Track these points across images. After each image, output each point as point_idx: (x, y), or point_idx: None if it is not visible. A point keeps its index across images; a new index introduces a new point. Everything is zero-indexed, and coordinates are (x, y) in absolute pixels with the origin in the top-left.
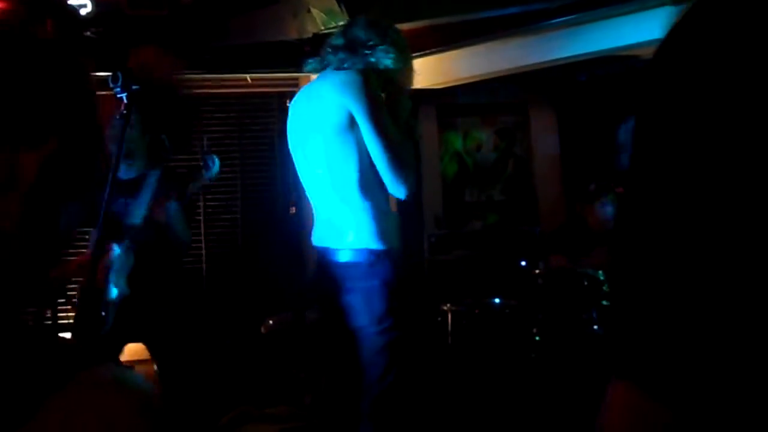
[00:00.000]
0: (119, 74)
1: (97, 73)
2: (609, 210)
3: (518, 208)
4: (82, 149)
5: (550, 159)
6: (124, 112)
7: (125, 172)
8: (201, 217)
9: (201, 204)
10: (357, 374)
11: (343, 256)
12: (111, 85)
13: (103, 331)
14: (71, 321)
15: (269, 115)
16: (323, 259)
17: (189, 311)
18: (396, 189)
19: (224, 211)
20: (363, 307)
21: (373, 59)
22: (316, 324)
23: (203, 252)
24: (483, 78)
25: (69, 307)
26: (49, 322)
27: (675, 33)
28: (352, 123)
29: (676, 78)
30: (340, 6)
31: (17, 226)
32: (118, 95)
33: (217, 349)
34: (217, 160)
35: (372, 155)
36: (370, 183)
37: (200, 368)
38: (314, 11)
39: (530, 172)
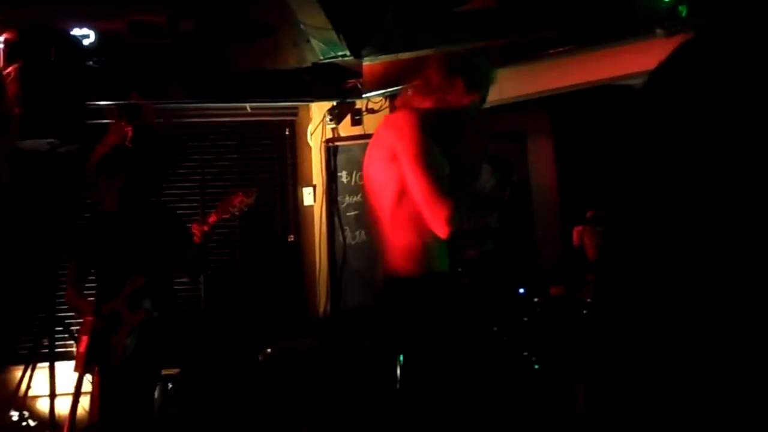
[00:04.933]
0: (125, 106)
1: (100, 102)
2: None
3: (516, 235)
4: None
5: (548, 187)
6: (128, 144)
7: None
8: None
9: None
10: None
11: None
12: (117, 118)
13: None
14: (68, 350)
15: (268, 143)
16: None
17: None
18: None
19: (223, 239)
20: None
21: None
22: (313, 353)
23: (202, 279)
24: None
25: (66, 336)
26: (46, 351)
27: (661, 71)
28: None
29: (661, 115)
30: (339, 36)
31: None
32: (125, 127)
33: (215, 377)
34: None
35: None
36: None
37: (199, 395)
38: (314, 41)
39: (528, 200)
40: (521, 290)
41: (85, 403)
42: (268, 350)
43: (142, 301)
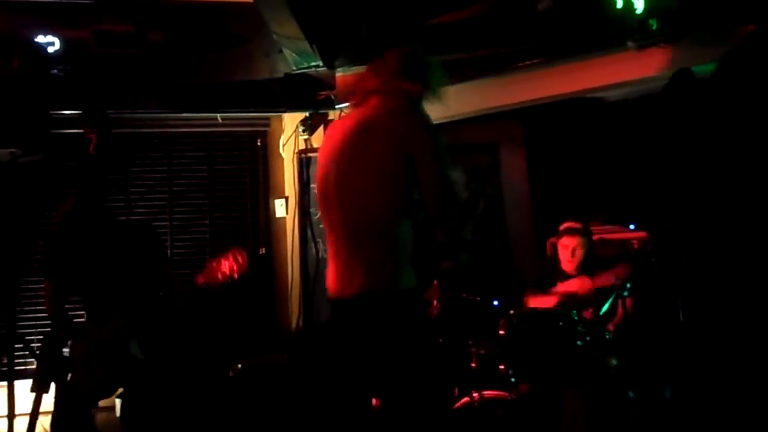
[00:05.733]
0: (89, 114)
1: (65, 111)
2: (582, 250)
3: (490, 247)
4: None
5: (521, 198)
6: (93, 153)
7: None
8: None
9: (168, 244)
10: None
11: None
12: (81, 125)
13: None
14: (29, 368)
15: (239, 154)
16: None
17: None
18: None
19: (194, 252)
20: None
21: None
22: (284, 368)
23: None
24: (453, 119)
25: (26, 353)
26: (6, 369)
27: (731, 59)
28: None
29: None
30: (312, 47)
31: None
32: (88, 135)
33: (185, 392)
34: None
35: None
36: None
37: (169, 411)
38: (286, 51)
39: (501, 212)
40: (496, 302)
41: (45, 422)
42: (239, 365)
43: (129, 342)
